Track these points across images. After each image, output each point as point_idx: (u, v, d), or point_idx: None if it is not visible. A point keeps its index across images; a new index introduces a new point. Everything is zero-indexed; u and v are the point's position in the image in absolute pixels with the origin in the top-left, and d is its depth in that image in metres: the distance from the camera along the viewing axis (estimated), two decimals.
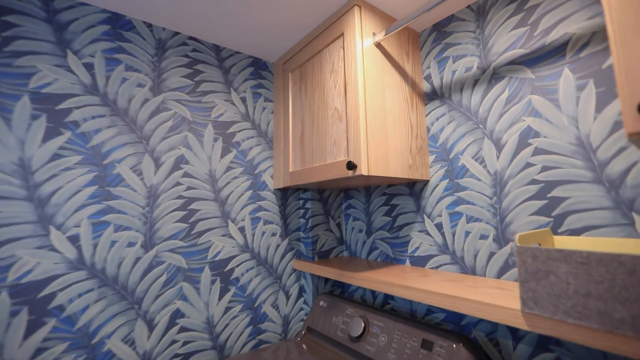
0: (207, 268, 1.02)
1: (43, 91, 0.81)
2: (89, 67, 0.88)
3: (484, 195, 0.86)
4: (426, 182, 1.01)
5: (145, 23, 0.98)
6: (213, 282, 1.03)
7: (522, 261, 0.57)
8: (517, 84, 0.81)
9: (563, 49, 0.73)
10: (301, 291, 1.25)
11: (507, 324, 0.59)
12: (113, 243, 0.87)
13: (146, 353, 0.88)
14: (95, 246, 0.84)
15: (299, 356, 0.95)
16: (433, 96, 1.01)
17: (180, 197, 0.99)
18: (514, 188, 0.80)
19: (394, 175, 0.88)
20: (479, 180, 0.87)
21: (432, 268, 0.98)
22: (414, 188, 1.05)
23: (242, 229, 1.11)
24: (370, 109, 0.85)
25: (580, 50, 0.70)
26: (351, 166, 0.81)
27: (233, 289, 1.07)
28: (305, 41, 1.07)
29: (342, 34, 0.91)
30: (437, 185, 0.98)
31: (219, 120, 1.11)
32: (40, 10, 0.82)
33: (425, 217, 1.01)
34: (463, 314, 0.88)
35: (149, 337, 0.89)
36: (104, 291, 0.84)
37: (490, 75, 0.86)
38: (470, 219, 0.89)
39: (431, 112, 1.01)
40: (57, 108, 0.82)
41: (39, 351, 0.74)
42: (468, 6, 0.92)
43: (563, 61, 0.73)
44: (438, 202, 0.97)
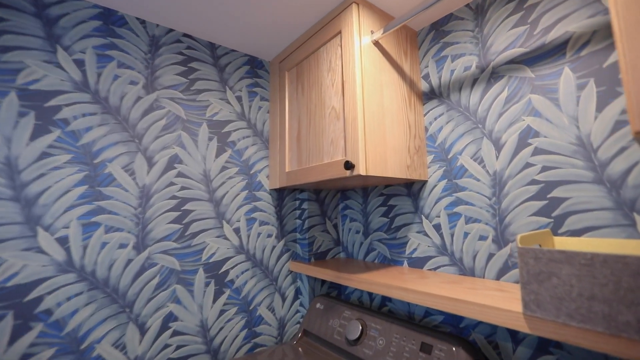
0: (201, 270, 1.00)
1: (31, 87, 0.78)
2: (80, 64, 0.85)
3: (483, 195, 0.85)
4: (424, 183, 1.00)
5: (138, 19, 0.96)
6: (207, 285, 1.00)
7: (524, 263, 0.56)
8: (517, 83, 0.80)
9: (563, 48, 0.72)
10: (297, 293, 1.23)
11: (509, 327, 0.58)
12: (104, 245, 0.84)
13: (138, 358, 0.86)
14: (85, 248, 0.81)
15: None
16: (431, 95, 1.00)
17: (173, 198, 0.97)
18: (514, 188, 0.79)
19: (392, 175, 0.87)
20: (478, 180, 0.86)
21: (431, 269, 0.96)
22: (412, 188, 1.03)
23: (237, 230, 1.09)
24: (368, 108, 0.84)
25: (580, 49, 0.70)
26: (349, 166, 0.79)
27: (228, 292, 1.04)
28: (302, 39, 1.06)
29: (340, 32, 0.89)
30: (436, 185, 0.96)
31: (214, 119, 1.09)
32: (29, 4, 0.80)
33: (423, 218, 0.99)
34: (462, 316, 0.86)
35: (141, 342, 0.87)
36: (94, 294, 0.81)
37: (489, 74, 0.85)
38: (469, 220, 0.88)
39: (429, 112, 1.00)
40: (46, 105, 0.80)
41: (25, 357, 0.72)
42: (467, 5, 0.92)
43: (563, 60, 0.72)
44: (436, 203, 0.96)
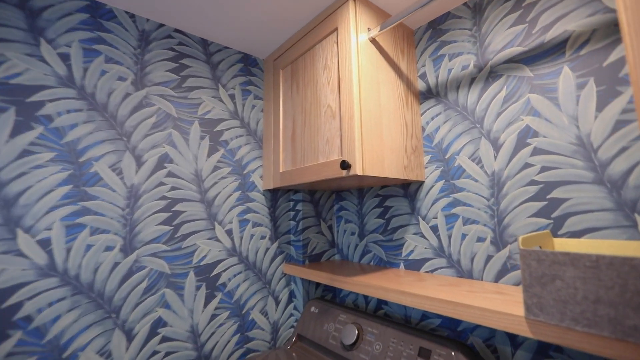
0: (192, 273, 0.96)
1: (12, 82, 0.74)
2: (65, 58, 0.81)
3: (481, 196, 0.84)
4: (421, 183, 0.98)
5: (127, 13, 0.93)
6: (198, 288, 0.97)
7: (526, 265, 0.54)
8: (515, 83, 0.79)
9: (562, 47, 0.71)
10: (291, 296, 1.20)
11: (511, 332, 0.56)
12: (89, 247, 0.80)
13: None
14: (68, 251, 0.77)
15: None
16: (428, 95, 0.98)
17: (163, 198, 0.94)
18: (512, 189, 0.78)
19: (389, 175, 0.85)
20: (476, 181, 0.85)
21: (428, 272, 0.95)
22: (409, 189, 1.02)
23: (230, 232, 1.06)
24: (365, 107, 0.82)
25: (580, 48, 0.69)
26: (345, 166, 0.77)
27: (219, 295, 1.01)
28: (297, 37, 1.03)
29: (336, 29, 0.87)
30: (433, 186, 0.95)
31: (206, 117, 1.05)
32: None
33: (420, 219, 0.98)
34: (459, 320, 0.85)
35: (128, 349, 0.83)
36: (78, 299, 0.77)
37: (487, 73, 0.84)
38: (466, 221, 0.86)
39: (426, 112, 0.98)
40: (28, 100, 0.76)
41: None
42: (464, 3, 0.91)
43: (562, 59, 0.71)
44: (433, 204, 0.94)
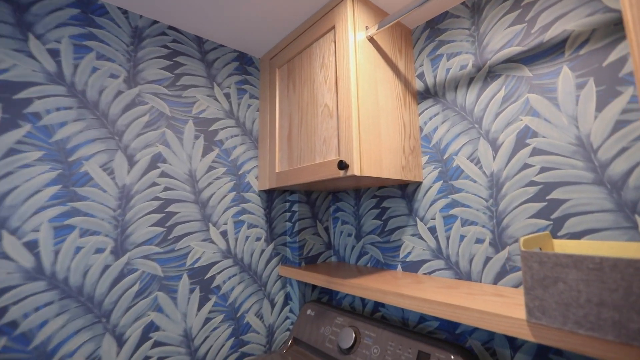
0: (186, 276, 0.94)
1: None
2: (54, 54, 0.79)
3: (480, 197, 0.83)
4: (419, 184, 0.97)
5: (120, 9, 0.90)
6: (192, 291, 0.95)
7: (528, 267, 0.53)
8: (514, 83, 0.78)
9: (562, 47, 0.71)
10: (287, 299, 1.18)
11: (512, 335, 0.55)
12: (78, 249, 0.78)
13: None
14: (56, 253, 0.75)
15: None
16: (426, 95, 0.97)
17: (156, 199, 0.91)
18: (511, 190, 0.77)
19: (387, 176, 0.84)
20: (475, 181, 0.84)
21: (425, 274, 0.93)
22: (406, 190, 1.01)
23: (225, 233, 1.04)
24: (363, 106, 0.80)
25: (579, 47, 0.68)
26: (343, 166, 0.76)
27: (214, 298, 0.99)
28: (293, 35, 1.02)
29: (334, 27, 0.86)
30: (431, 187, 0.94)
31: (201, 116, 1.03)
32: None
33: (417, 221, 0.97)
34: (458, 322, 0.84)
35: (118, 354, 0.80)
36: (66, 304, 0.75)
37: (486, 73, 0.84)
38: (465, 222, 0.85)
39: (424, 112, 0.97)
40: (15, 97, 0.73)
41: None
42: (462, 3, 0.90)
43: (562, 59, 0.71)
44: (431, 205, 0.93)
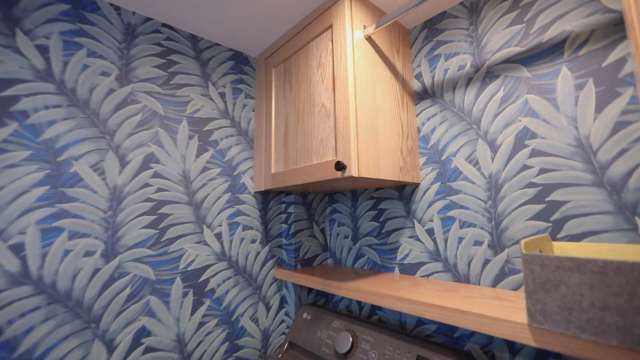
0: (179, 279, 0.92)
1: None
2: (43, 50, 0.77)
3: (478, 199, 0.82)
4: (417, 185, 0.96)
5: (112, 5, 0.88)
6: (185, 295, 0.92)
7: (530, 270, 0.52)
8: (513, 83, 0.77)
9: (561, 47, 0.70)
10: (283, 302, 1.16)
11: (513, 340, 0.54)
12: (67, 252, 0.75)
13: None
14: (44, 256, 0.72)
15: None
16: (424, 95, 0.97)
17: (149, 200, 0.89)
18: (510, 191, 0.76)
19: (385, 177, 0.83)
20: (473, 183, 0.83)
21: (423, 276, 0.92)
22: (404, 192, 0.99)
23: (219, 235, 1.02)
24: (360, 105, 0.79)
25: (578, 48, 0.68)
26: (340, 167, 0.74)
27: (208, 302, 0.97)
28: (290, 34, 1.01)
29: (331, 26, 0.85)
30: (429, 188, 0.93)
31: (195, 116, 1.01)
32: None
33: (415, 222, 0.95)
34: (458, 326, 0.82)
35: None
36: (54, 309, 0.72)
37: (484, 73, 0.83)
38: (463, 224, 0.84)
39: (422, 112, 0.97)
40: (1, 95, 0.70)
41: None
42: (461, 3, 0.89)
43: (561, 59, 0.70)
44: (429, 207, 0.92)
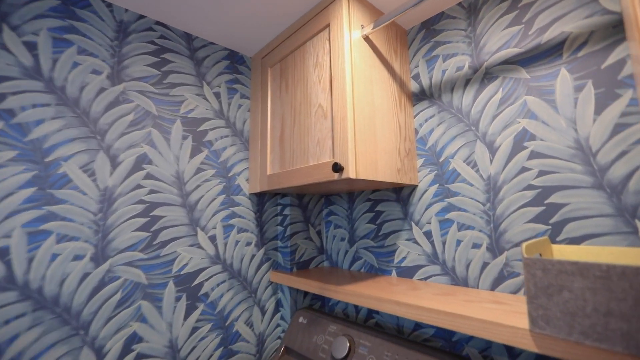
0: (172, 283, 0.90)
1: None
2: (31, 47, 0.74)
3: (477, 201, 0.81)
4: (414, 187, 0.95)
5: (104, 2, 0.86)
6: (178, 299, 0.90)
7: (531, 275, 0.51)
8: (512, 84, 0.77)
9: (560, 49, 0.70)
10: (278, 306, 1.14)
11: (514, 345, 0.53)
12: (54, 256, 0.73)
13: None
14: (30, 260, 0.69)
15: None
16: (421, 96, 0.96)
17: (141, 202, 0.87)
18: (509, 194, 0.75)
19: (383, 179, 0.81)
20: (471, 185, 0.82)
21: (421, 279, 0.91)
22: (401, 194, 0.98)
23: (213, 238, 1.00)
24: (358, 106, 0.78)
25: (577, 49, 0.67)
26: (338, 168, 0.73)
27: (201, 306, 0.94)
28: (287, 33, 0.99)
29: (328, 25, 0.84)
30: (426, 190, 0.92)
31: (189, 116, 0.99)
32: None
33: (413, 225, 0.94)
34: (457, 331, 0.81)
35: None
36: (40, 315, 0.70)
37: (482, 74, 0.82)
38: (461, 227, 0.83)
39: (420, 113, 0.96)
40: None
41: None
42: (459, 3, 0.89)
43: (560, 61, 0.70)
44: (427, 209, 0.91)
